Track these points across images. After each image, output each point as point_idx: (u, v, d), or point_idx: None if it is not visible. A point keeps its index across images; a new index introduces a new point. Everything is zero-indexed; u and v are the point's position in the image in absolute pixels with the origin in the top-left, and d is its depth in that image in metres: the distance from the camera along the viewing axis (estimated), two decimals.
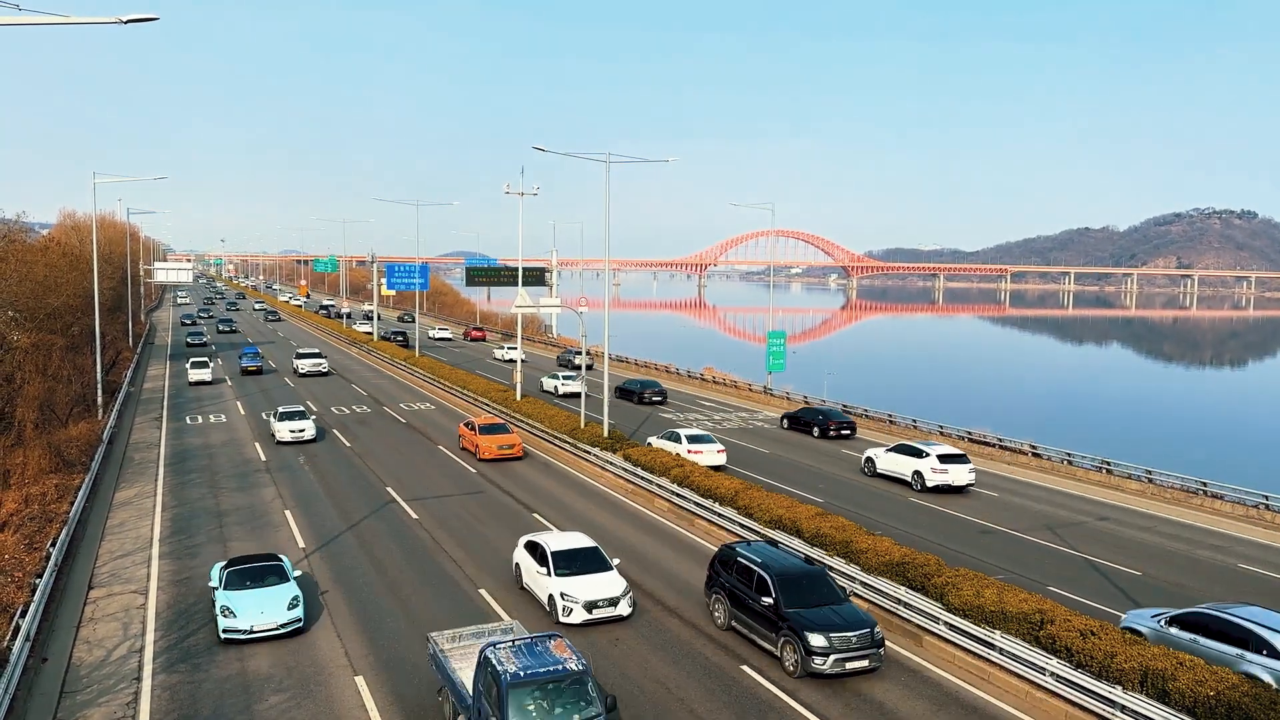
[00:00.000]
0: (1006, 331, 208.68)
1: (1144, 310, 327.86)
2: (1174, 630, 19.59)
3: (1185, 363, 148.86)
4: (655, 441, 40.61)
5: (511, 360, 76.49)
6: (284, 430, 42.75)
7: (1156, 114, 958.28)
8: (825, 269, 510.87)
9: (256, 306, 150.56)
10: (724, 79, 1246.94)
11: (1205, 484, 36.11)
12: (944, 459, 36.49)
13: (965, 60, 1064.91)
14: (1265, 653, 17.77)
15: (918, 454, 37.15)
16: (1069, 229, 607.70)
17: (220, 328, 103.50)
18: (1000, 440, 45.03)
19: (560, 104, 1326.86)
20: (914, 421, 49.78)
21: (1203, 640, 18.89)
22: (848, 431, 48.14)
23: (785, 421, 51.11)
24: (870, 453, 39.69)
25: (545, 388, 62.12)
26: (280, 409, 45.16)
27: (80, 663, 19.53)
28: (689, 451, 38.00)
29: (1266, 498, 33.81)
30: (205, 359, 65.12)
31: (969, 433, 46.69)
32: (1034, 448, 43.32)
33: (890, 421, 51.10)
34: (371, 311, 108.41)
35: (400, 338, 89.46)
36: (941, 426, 48.33)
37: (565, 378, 62.26)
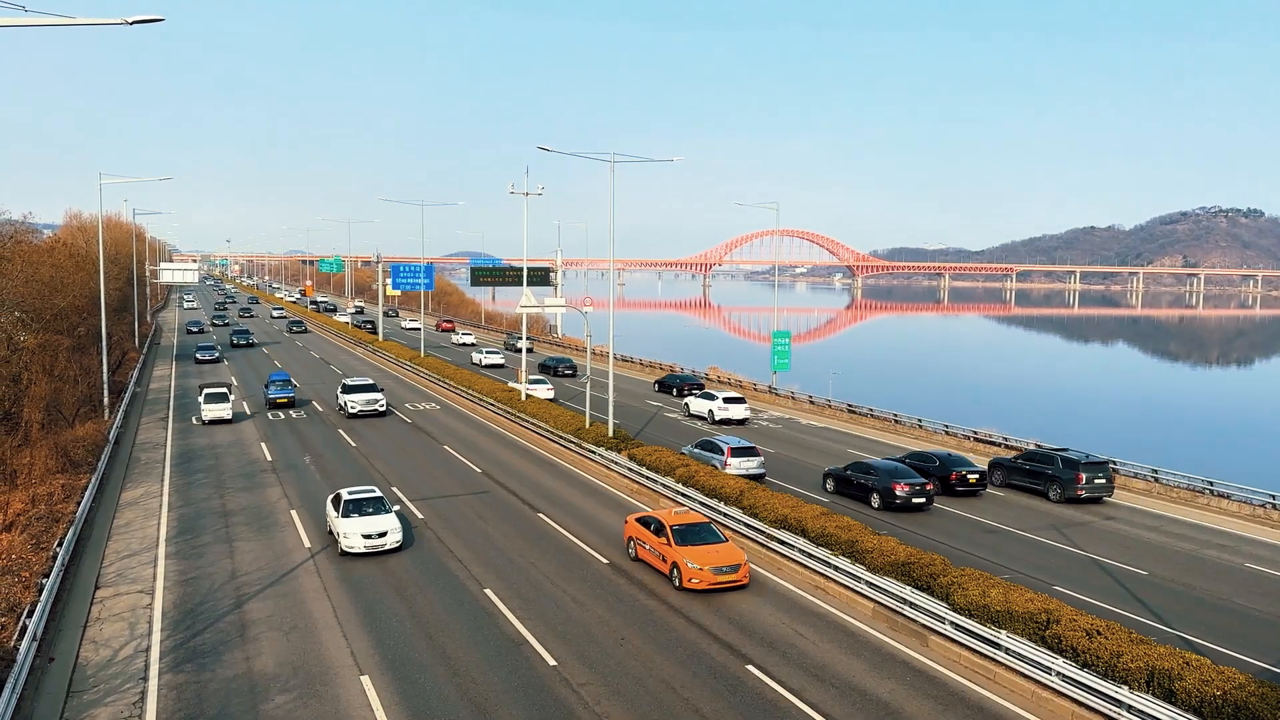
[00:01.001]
0: (1012, 331, 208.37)
1: (1150, 309, 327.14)
2: None
3: (1191, 362, 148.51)
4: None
5: (466, 344, 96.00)
6: (354, 536, 26.46)
7: (1162, 112, 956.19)
8: (830, 268, 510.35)
9: (275, 314, 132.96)
10: (729, 78, 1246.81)
11: (1212, 483, 36.00)
12: (727, 400, 51.67)
13: (970, 58, 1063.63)
14: None
15: (711, 398, 52.41)
16: (1074, 228, 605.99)
17: (235, 339, 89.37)
18: (1006, 439, 44.89)
19: (564, 103, 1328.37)
20: (919, 421, 49.68)
21: None
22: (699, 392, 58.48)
23: (656, 386, 64.81)
24: (687, 399, 54.96)
25: (473, 360, 77.65)
26: (348, 495, 28.07)
27: (87, 662, 19.60)
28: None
29: (1274, 497, 33.69)
30: (224, 389, 50.21)
31: (975, 432, 46.58)
32: (1040, 447, 43.16)
33: (895, 421, 51.03)
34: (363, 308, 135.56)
35: (369, 325, 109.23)
36: (947, 426, 48.24)
37: (489, 352, 78.92)
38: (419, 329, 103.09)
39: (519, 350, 71.95)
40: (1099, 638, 18.20)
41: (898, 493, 32.67)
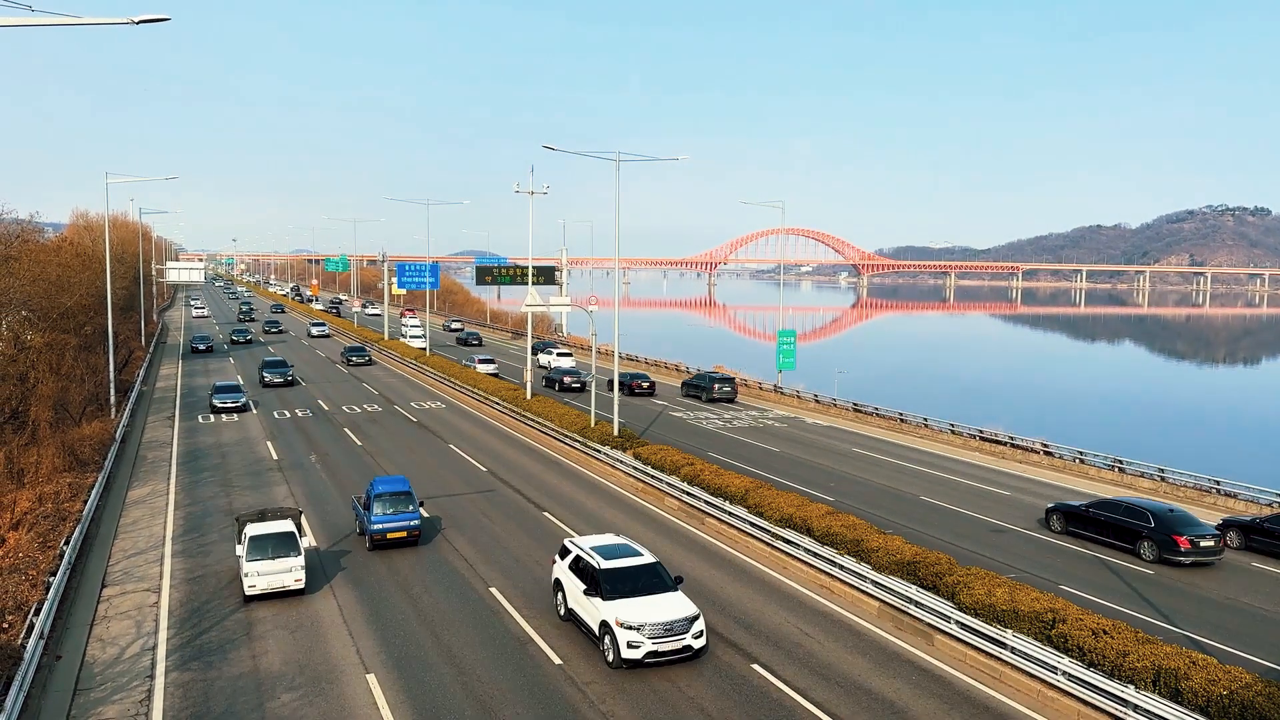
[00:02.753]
0: (1018, 330, 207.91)
1: (1157, 308, 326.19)
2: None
3: (1198, 361, 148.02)
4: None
5: (417, 330, 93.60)
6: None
7: (1169, 111, 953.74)
8: (836, 267, 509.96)
9: (314, 331, 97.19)
10: (734, 77, 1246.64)
11: (1219, 482, 35.88)
12: (559, 355, 69.76)
13: (976, 56, 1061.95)
14: None
15: (547, 350, 70.75)
16: (1081, 226, 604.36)
17: (266, 375, 61.12)
18: (1012, 438, 44.83)
19: (570, 103, 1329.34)
20: (925, 420, 49.60)
21: None
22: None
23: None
24: (539, 357, 70.26)
25: (404, 334, 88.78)
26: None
27: (94, 660, 19.65)
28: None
29: None
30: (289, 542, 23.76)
31: (980, 431, 46.50)
32: (1046, 446, 43.12)
33: (901, 420, 50.95)
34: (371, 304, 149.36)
35: (335, 309, 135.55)
36: (953, 425, 48.16)
37: (413, 332, 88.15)
38: (378, 314, 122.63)
39: (452, 330, 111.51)
40: (1105, 637, 18.16)
41: None
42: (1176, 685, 16.55)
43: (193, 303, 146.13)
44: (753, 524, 28.30)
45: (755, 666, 19.72)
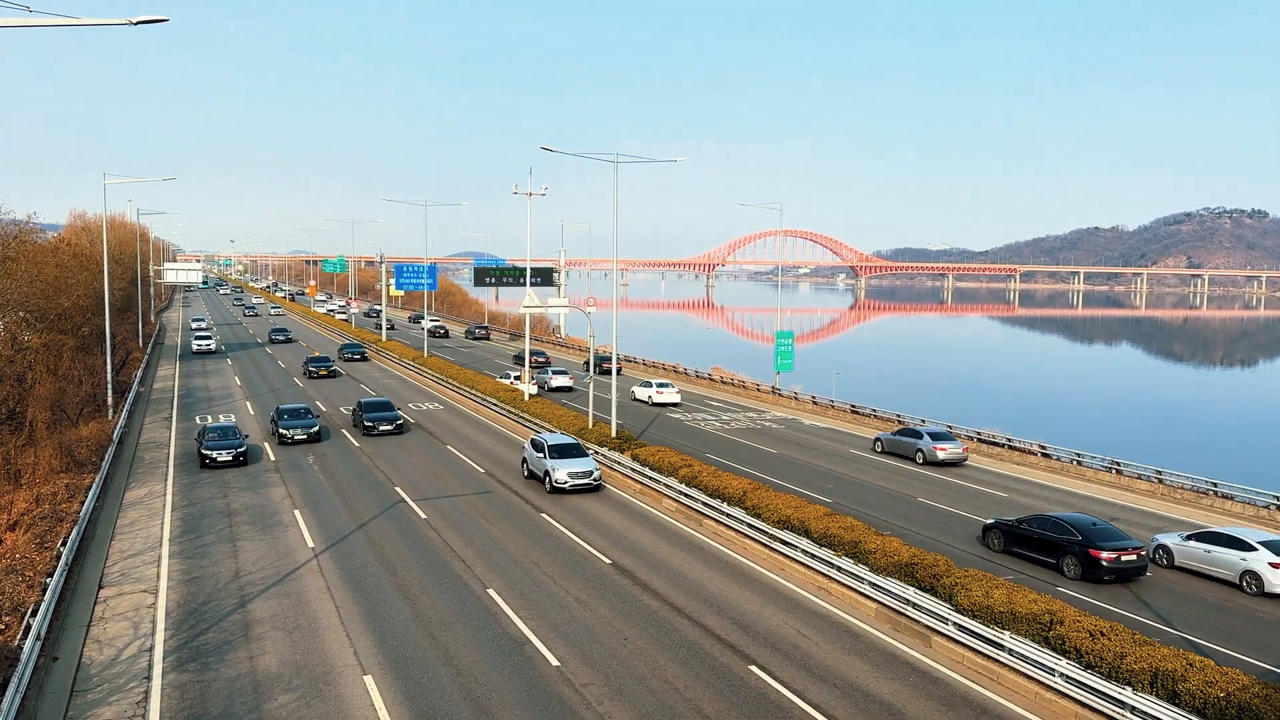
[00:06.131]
0: (1015, 331, 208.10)
1: (1154, 310, 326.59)
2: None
3: (1195, 363, 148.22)
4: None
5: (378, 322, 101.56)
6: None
7: (1166, 112, 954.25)
8: (833, 269, 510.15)
9: (348, 351, 79.75)
10: (732, 79, 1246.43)
11: (1216, 484, 35.93)
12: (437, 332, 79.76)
13: (973, 58, 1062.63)
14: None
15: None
16: (1078, 228, 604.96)
17: (285, 426, 43.24)
18: (1009, 440, 44.89)
19: (568, 105, 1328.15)
20: (922, 421, 49.63)
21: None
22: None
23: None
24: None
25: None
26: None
27: (91, 661, 19.62)
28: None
29: (1278, 498, 33.61)
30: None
31: (978, 433, 46.56)
32: (1043, 448, 43.19)
33: (899, 421, 50.99)
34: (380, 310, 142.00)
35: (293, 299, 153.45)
36: (950, 426, 48.17)
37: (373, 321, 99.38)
38: (340, 307, 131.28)
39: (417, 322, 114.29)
40: (1102, 639, 18.17)
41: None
42: (1174, 687, 16.56)
43: (193, 328, 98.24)
44: (751, 525, 28.31)
45: (753, 668, 19.73)
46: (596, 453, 39.38)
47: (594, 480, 34.99)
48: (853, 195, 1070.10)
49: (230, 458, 37.70)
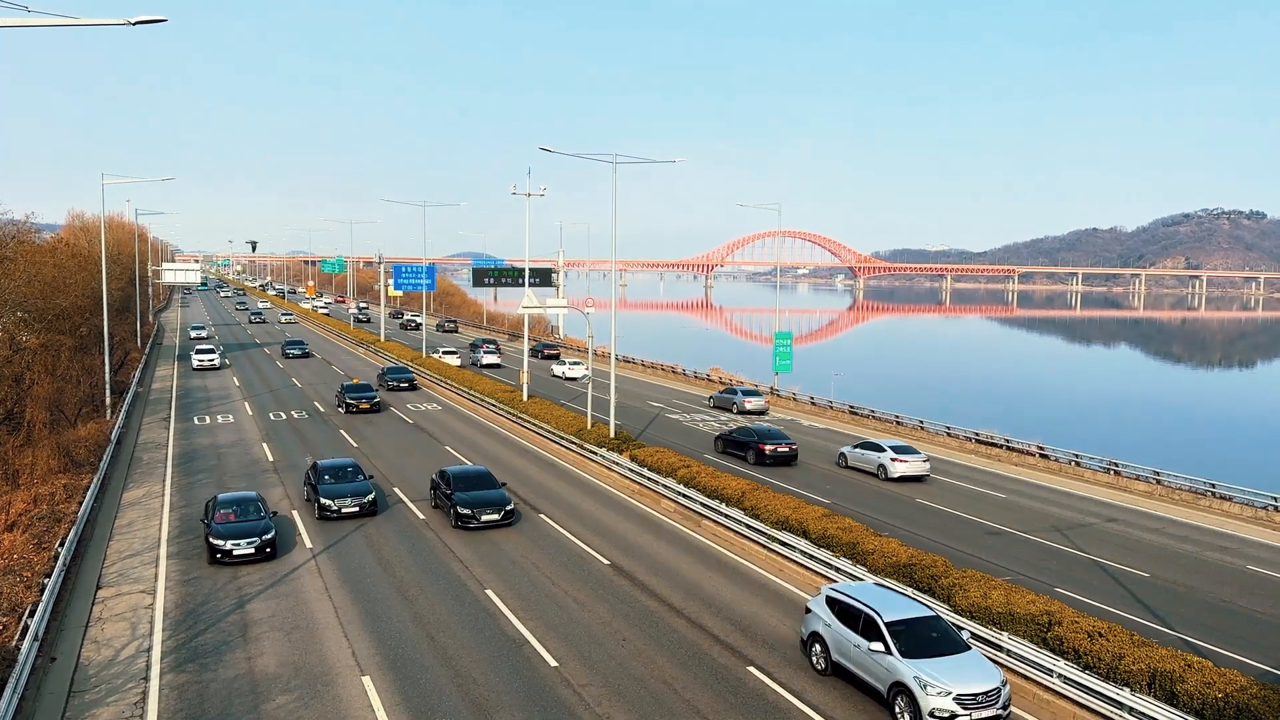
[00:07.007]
0: (1014, 332, 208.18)
1: (1152, 311, 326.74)
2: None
3: (1193, 364, 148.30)
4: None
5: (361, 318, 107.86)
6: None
7: (1165, 113, 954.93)
8: (832, 269, 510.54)
9: (389, 376, 63.24)
10: (730, 79, 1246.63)
11: (1214, 485, 35.97)
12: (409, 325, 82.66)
13: (974, 59, 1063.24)
14: None
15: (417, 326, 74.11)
16: (1077, 229, 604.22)
17: (328, 494, 31.46)
18: (1008, 441, 44.92)
19: (567, 105, 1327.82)
20: (921, 422, 49.68)
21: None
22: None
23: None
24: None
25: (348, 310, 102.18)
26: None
27: (89, 662, 19.61)
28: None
29: (1275, 499, 33.66)
30: None
31: (976, 434, 46.58)
32: (1041, 449, 43.23)
33: (897, 423, 51.02)
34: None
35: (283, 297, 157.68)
36: (949, 427, 48.24)
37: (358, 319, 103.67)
38: (300, 305, 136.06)
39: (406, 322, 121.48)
40: (1101, 640, 18.19)
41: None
42: (1172, 688, 16.58)
43: (194, 337, 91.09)
44: (749, 526, 28.33)
45: (751, 668, 19.72)
46: (595, 453, 39.43)
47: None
48: (852, 196, 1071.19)
49: (252, 550, 25.82)
